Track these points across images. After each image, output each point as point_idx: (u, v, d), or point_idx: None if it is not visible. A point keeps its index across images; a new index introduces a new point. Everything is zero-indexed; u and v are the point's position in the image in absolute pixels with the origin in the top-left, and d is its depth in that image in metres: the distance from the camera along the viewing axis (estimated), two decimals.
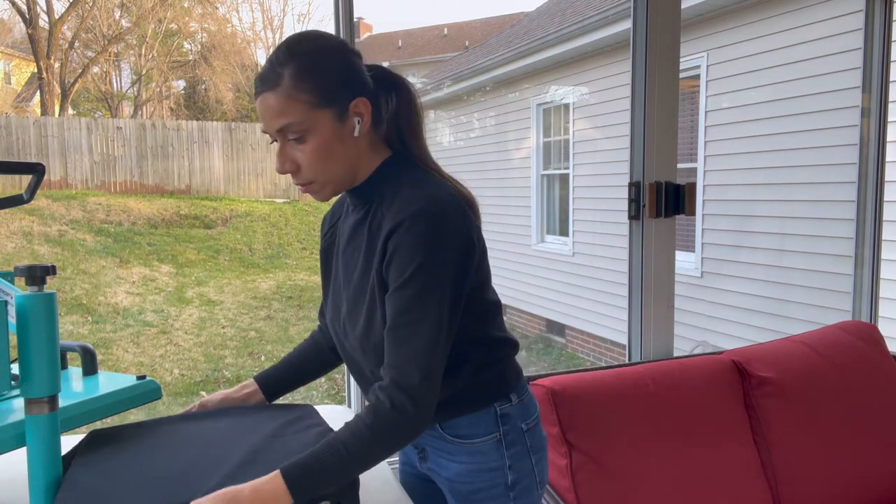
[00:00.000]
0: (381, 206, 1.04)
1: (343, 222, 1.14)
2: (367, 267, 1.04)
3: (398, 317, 0.95)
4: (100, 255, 8.85)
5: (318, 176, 1.02)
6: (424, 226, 0.95)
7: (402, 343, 0.95)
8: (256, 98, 1.01)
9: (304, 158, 1.00)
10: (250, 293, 8.50)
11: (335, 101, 1.00)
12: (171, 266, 9.00)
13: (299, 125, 0.98)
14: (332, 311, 1.14)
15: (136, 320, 7.24)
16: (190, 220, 10.49)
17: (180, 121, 12.91)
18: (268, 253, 10.14)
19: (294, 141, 1.00)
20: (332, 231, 1.19)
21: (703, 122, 5.03)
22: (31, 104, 16.00)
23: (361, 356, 1.07)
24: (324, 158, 1.00)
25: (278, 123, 0.98)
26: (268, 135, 1.02)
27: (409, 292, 0.95)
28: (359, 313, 1.04)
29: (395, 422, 0.93)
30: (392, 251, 0.97)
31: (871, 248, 2.37)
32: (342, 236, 1.13)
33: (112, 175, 10.94)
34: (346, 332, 1.09)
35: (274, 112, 0.98)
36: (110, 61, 16.52)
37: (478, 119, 8.93)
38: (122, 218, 9.98)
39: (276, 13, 27.84)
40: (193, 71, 18.03)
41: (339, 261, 1.13)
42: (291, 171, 1.02)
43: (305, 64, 0.98)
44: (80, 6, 14.34)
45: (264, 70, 1.00)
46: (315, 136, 0.99)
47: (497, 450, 1.10)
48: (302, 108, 0.98)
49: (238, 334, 7.10)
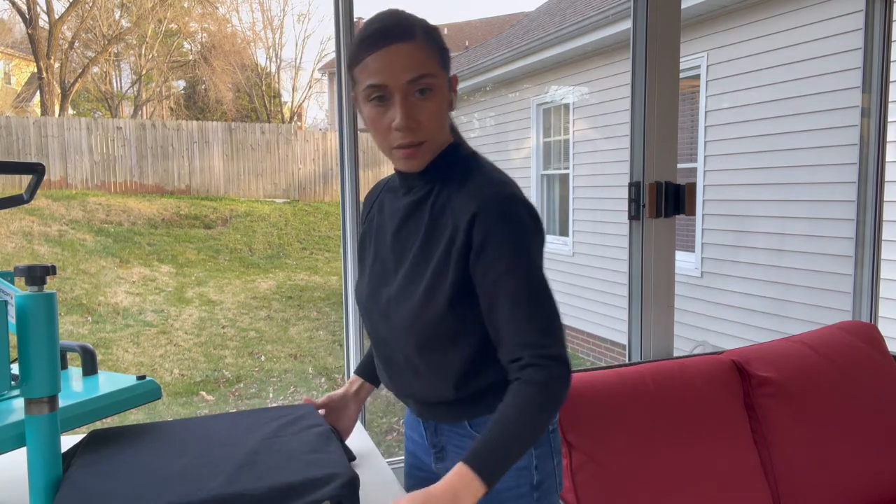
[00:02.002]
0: (445, 188, 1.04)
1: (390, 204, 1.13)
2: (430, 247, 1.03)
3: (516, 302, 0.96)
4: (100, 255, 8.85)
5: (431, 136, 1.01)
6: (506, 209, 0.97)
7: (527, 321, 0.95)
8: (378, 50, 0.97)
9: (425, 115, 0.99)
10: (250, 293, 8.50)
11: (447, 69, 1.02)
12: (171, 266, 9.01)
13: (432, 78, 0.98)
14: (370, 291, 1.12)
15: (136, 320, 7.24)
16: (190, 220, 10.49)
17: (180, 121, 12.92)
18: (268, 253, 10.14)
19: (419, 95, 0.98)
20: (370, 214, 1.19)
21: (703, 122, 5.03)
22: (31, 104, 16.01)
23: (402, 336, 1.05)
24: (439, 120, 1.01)
25: (413, 74, 0.97)
26: (378, 90, 0.98)
27: (515, 277, 0.96)
28: (414, 291, 1.03)
29: (556, 391, 0.95)
30: (481, 240, 0.97)
31: (871, 248, 2.37)
32: (390, 218, 1.12)
33: (112, 175, 10.94)
34: (389, 312, 1.07)
35: (409, 62, 0.97)
36: (110, 61, 16.52)
37: (478, 119, 8.93)
38: (122, 218, 9.98)
39: (276, 13, 27.86)
40: (193, 71, 18.04)
41: (382, 242, 1.12)
42: (411, 128, 0.99)
43: (430, 29, 1.01)
44: (80, 6, 14.35)
45: (388, 25, 0.98)
46: (438, 95, 1.00)
47: None
48: (434, 63, 0.99)
49: (238, 334, 7.10)
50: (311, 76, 27.20)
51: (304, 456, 1.00)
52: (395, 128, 0.98)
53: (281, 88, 19.70)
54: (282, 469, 0.95)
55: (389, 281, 1.08)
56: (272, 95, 19.03)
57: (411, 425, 1.25)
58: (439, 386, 1.06)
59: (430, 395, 1.09)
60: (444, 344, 1.03)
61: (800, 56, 4.29)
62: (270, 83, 19.06)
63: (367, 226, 1.19)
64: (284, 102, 19.71)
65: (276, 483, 0.91)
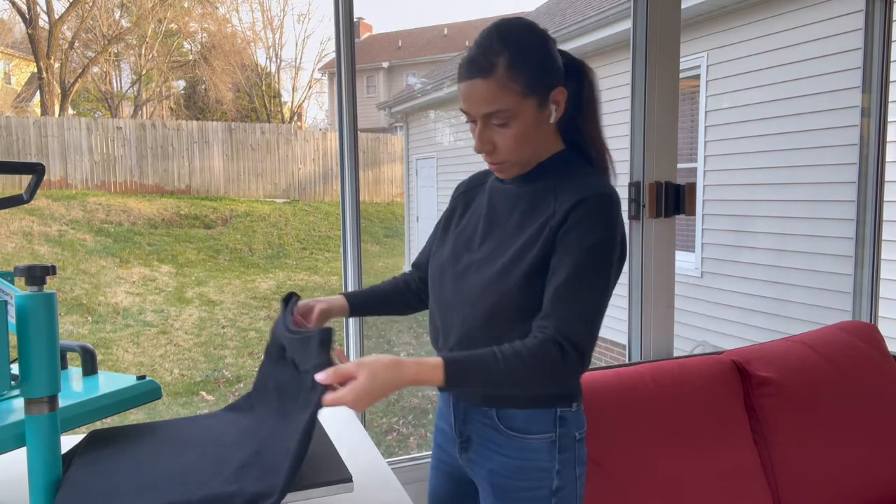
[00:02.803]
0: (550, 180, 1.11)
1: (492, 185, 1.20)
2: (524, 224, 1.09)
3: (572, 277, 1.00)
4: (100, 255, 8.85)
5: (512, 157, 1.08)
6: (608, 207, 1.03)
7: (571, 300, 1.00)
8: (463, 81, 1.05)
9: (503, 142, 1.07)
10: (250, 293, 8.50)
11: (539, 91, 1.05)
12: (171, 266, 9.00)
13: (506, 112, 1.04)
14: (451, 253, 1.17)
15: (136, 320, 7.24)
16: (190, 220, 10.49)
17: (180, 121, 12.92)
18: (268, 253, 10.14)
19: (496, 125, 1.05)
20: (465, 196, 1.25)
21: (703, 122, 5.03)
22: (31, 104, 16.01)
23: (472, 300, 1.09)
24: (521, 143, 1.07)
25: (486, 109, 1.04)
26: (466, 115, 1.08)
27: (585, 259, 1.01)
28: (497, 259, 1.08)
29: (553, 357, 0.97)
30: (576, 221, 1.02)
31: (871, 248, 2.37)
32: (489, 196, 1.18)
33: (112, 175, 10.94)
34: (466, 274, 1.12)
35: (484, 98, 1.03)
36: (110, 61, 16.52)
37: None
38: (122, 218, 9.98)
39: (276, 13, 27.86)
40: (193, 71, 18.03)
41: (475, 215, 1.19)
42: (488, 151, 1.08)
43: (517, 55, 1.03)
44: (80, 6, 14.34)
45: (475, 55, 1.05)
46: (518, 123, 1.05)
47: (550, 451, 1.09)
48: (512, 97, 1.03)
49: (238, 334, 7.10)
50: (311, 76, 27.21)
51: None
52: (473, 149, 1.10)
53: (281, 88, 19.71)
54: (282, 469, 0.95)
55: (473, 247, 1.15)
56: (272, 95, 19.03)
57: (442, 414, 1.25)
58: None
59: None
60: (512, 318, 1.05)
61: (800, 56, 4.29)
62: (270, 83, 19.06)
63: (460, 204, 1.25)
64: (284, 102, 19.72)
65: (277, 482, 0.91)
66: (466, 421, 1.16)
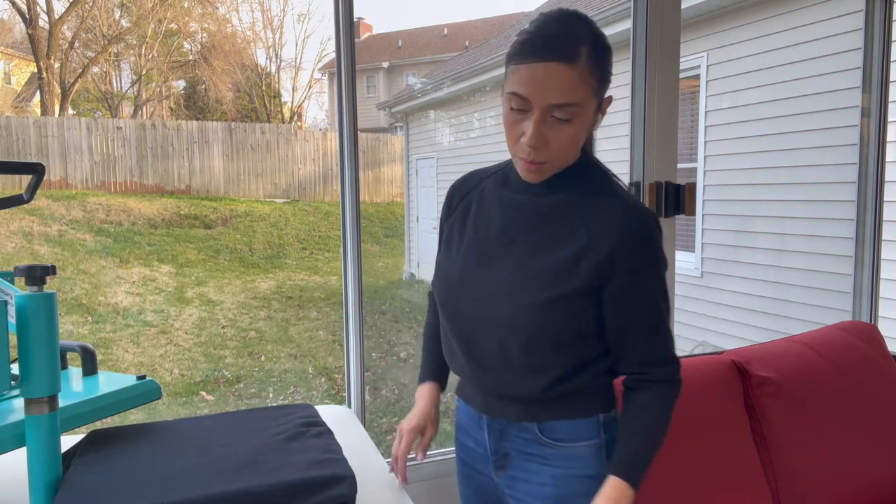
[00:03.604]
0: (572, 193, 1.04)
1: (497, 193, 1.10)
2: (553, 245, 1.02)
3: (654, 323, 1.03)
4: (100, 255, 8.85)
5: (557, 159, 0.99)
6: (657, 240, 1.01)
7: (664, 343, 1.05)
8: (536, 62, 0.92)
9: (558, 140, 0.96)
10: (250, 293, 8.50)
11: (600, 94, 0.99)
12: (171, 266, 9.01)
13: (575, 108, 0.94)
14: (462, 272, 1.08)
15: (136, 320, 7.24)
16: (190, 220, 10.49)
17: (180, 121, 12.92)
18: (268, 253, 10.14)
19: (559, 119, 0.94)
20: (466, 200, 1.15)
21: (703, 122, 5.03)
22: (31, 104, 16.01)
23: (505, 325, 1.02)
24: (573, 145, 0.98)
25: (558, 99, 0.92)
26: (519, 100, 0.95)
27: (652, 294, 1.02)
28: (530, 282, 1.01)
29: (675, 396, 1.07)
30: (630, 259, 0.99)
31: (871, 248, 2.37)
32: (498, 207, 1.09)
33: (112, 175, 10.94)
34: (488, 296, 1.04)
35: (561, 87, 0.92)
36: (110, 61, 16.52)
37: (478, 119, 8.94)
38: (122, 218, 9.98)
39: (276, 13, 27.87)
40: (193, 71, 18.04)
41: (483, 229, 1.09)
42: (539, 148, 0.96)
43: (598, 50, 0.95)
44: (80, 6, 14.35)
45: (555, 35, 0.92)
46: (580, 122, 0.96)
47: (597, 457, 1.06)
48: (586, 92, 0.94)
49: (238, 334, 7.10)
50: (311, 76, 27.22)
51: (305, 456, 1.00)
52: (523, 142, 0.96)
53: (281, 88, 19.72)
54: (282, 469, 0.95)
55: (492, 265, 1.05)
56: (272, 95, 19.03)
57: (467, 430, 1.18)
58: (529, 383, 1.04)
59: (513, 389, 1.06)
60: (556, 346, 1.02)
61: (800, 56, 4.29)
62: (270, 83, 19.06)
63: (458, 211, 1.15)
64: (284, 102, 19.72)
65: (277, 482, 0.91)
66: (503, 437, 1.10)
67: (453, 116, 9.47)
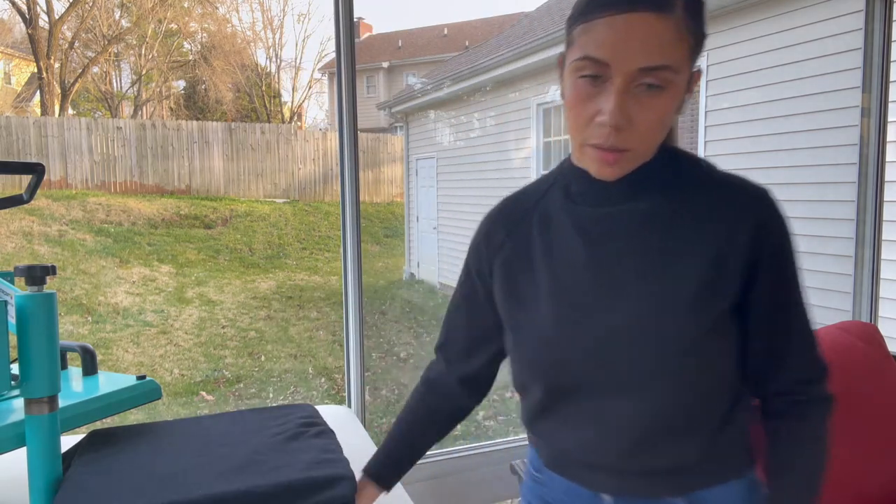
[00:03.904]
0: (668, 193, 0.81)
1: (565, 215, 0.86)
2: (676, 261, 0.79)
3: (803, 327, 0.85)
4: (100, 255, 8.85)
5: (642, 144, 0.76)
6: (784, 214, 0.85)
7: (813, 352, 0.87)
8: (618, 13, 0.70)
9: (646, 117, 0.73)
10: (250, 293, 8.50)
11: (694, 61, 0.76)
12: (171, 266, 9.01)
13: (670, 72, 0.71)
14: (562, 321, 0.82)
15: (136, 320, 7.24)
16: (190, 220, 10.49)
17: (180, 121, 12.92)
18: (268, 253, 10.14)
19: (646, 89, 0.72)
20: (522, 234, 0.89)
21: (703, 122, 5.03)
22: (31, 104, 16.02)
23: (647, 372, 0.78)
24: (660, 126, 0.75)
25: (650, 61, 0.70)
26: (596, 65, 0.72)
27: (802, 297, 0.84)
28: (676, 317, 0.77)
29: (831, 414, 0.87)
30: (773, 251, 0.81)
31: (871, 248, 2.37)
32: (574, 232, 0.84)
33: (112, 175, 10.95)
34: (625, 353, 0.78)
35: (654, 43, 0.70)
36: (110, 61, 16.53)
37: (478, 119, 8.93)
38: (122, 218, 9.98)
39: (276, 13, 27.91)
40: (193, 71, 18.05)
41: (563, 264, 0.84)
42: (621, 128, 0.73)
43: (693, 1, 0.74)
44: (80, 6, 14.35)
45: None
46: (670, 94, 0.73)
47: None
48: (682, 52, 0.72)
49: (238, 334, 7.10)
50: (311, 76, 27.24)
51: (305, 455, 1.00)
52: (599, 122, 0.73)
53: (281, 88, 19.74)
54: (282, 469, 0.95)
55: (603, 305, 0.80)
56: (272, 95, 19.04)
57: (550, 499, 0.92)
58: (685, 444, 0.81)
59: (659, 457, 0.81)
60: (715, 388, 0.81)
61: (800, 56, 4.29)
62: (270, 83, 19.07)
63: (508, 251, 0.89)
64: (284, 102, 19.74)
65: (277, 482, 0.91)
66: None
67: (453, 116, 9.47)
